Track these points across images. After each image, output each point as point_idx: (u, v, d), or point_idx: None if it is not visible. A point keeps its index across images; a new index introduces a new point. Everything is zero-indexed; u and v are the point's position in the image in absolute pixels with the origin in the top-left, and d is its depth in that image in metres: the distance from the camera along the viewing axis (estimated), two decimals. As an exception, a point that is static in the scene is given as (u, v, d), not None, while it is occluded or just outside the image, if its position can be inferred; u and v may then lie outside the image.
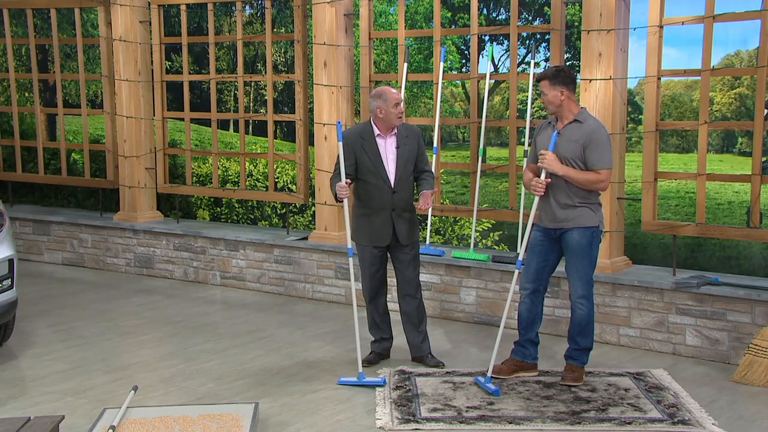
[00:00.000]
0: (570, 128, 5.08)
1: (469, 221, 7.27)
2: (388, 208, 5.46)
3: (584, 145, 5.02)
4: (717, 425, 4.61)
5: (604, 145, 5.05)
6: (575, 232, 5.08)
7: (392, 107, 5.38)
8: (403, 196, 5.49)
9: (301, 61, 7.55)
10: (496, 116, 7.39)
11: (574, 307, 5.17)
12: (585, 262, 5.11)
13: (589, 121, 5.11)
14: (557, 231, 5.14)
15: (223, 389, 5.23)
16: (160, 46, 8.36)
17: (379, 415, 4.77)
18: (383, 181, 5.43)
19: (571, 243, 5.10)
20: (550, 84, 5.06)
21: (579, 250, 5.09)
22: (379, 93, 5.45)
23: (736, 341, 5.65)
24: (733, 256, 6.32)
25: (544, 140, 5.19)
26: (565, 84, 5.06)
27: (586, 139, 5.02)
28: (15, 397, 5.12)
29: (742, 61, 6.46)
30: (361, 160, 5.43)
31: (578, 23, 6.48)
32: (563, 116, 5.12)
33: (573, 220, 5.08)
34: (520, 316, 5.34)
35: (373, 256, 5.54)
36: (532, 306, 5.30)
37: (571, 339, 5.26)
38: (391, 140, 5.48)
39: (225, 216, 8.78)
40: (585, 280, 5.13)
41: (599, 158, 5.02)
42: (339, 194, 5.29)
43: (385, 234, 5.48)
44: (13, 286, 5.79)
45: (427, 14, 7.65)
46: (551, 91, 5.06)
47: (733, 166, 6.48)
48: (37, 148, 9.29)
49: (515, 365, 5.36)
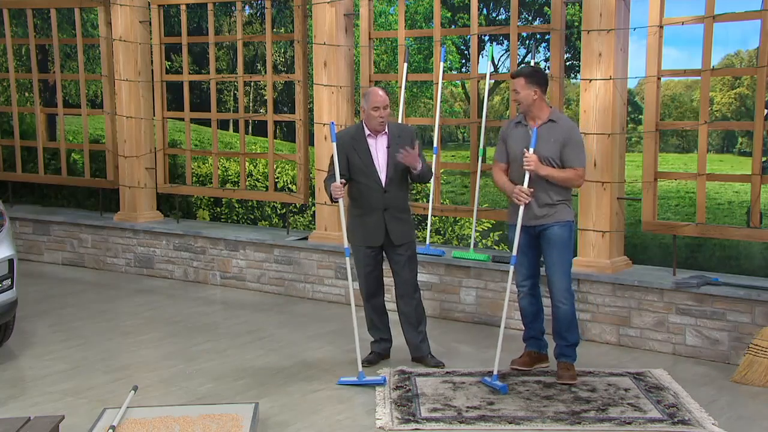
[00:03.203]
0: (546, 128, 5.17)
1: (469, 221, 7.27)
2: (380, 208, 5.44)
3: (563, 144, 5.14)
4: (717, 425, 4.61)
5: (581, 143, 5.26)
6: (556, 226, 5.21)
7: (371, 110, 5.35)
8: (395, 195, 5.47)
9: (301, 61, 7.55)
10: (496, 116, 7.39)
11: (558, 303, 5.25)
12: (566, 254, 5.25)
13: (563, 120, 5.26)
14: (537, 228, 5.24)
15: (223, 389, 5.24)
16: (160, 46, 8.36)
17: (379, 415, 4.77)
18: (374, 181, 5.42)
19: (553, 237, 5.21)
20: (526, 83, 5.15)
21: (561, 243, 5.21)
22: (366, 93, 5.48)
23: (736, 341, 5.65)
24: (733, 256, 6.33)
25: (517, 139, 5.25)
26: (539, 84, 5.17)
27: (565, 138, 5.15)
28: (15, 397, 5.13)
29: (742, 61, 6.46)
30: (352, 160, 5.42)
31: (578, 23, 6.48)
32: (533, 116, 5.21)
33: (552, 215, 5.21)
34: (524, 311, 5.47)
35: (366, 256, 5.53)
36: (533, 299, 5.44)
37: (559, 336, 5.32)
38: (381, 140, 5.46)
39: (225, 216, 8.79)
40: (567, 273, 5.25)
41: (577, 156, 5.18)
42: (334, 194, 5.29)
43: (377, 234, 5.46)
44: (13, 286, 5.79)
45: (427, 14, 7.65)
46: (525, 89, 5.15)
47: (733, 166, 6.48)
48: (37, 148, 9.29)
49: (534, 357, 5.48)
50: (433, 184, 6.93)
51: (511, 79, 5.28)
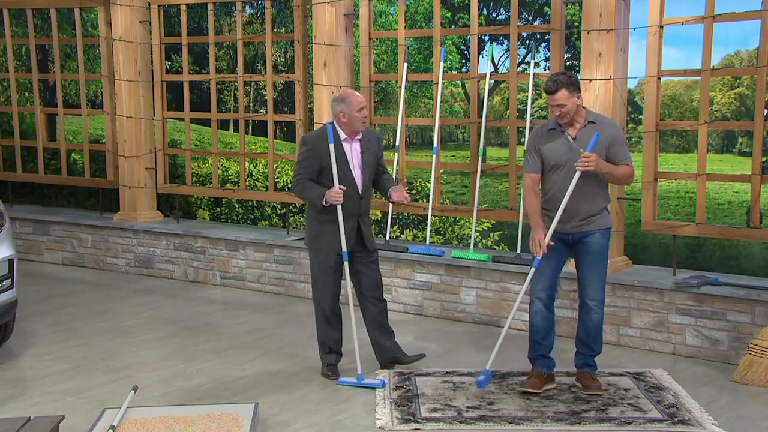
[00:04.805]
0: (587, 131, 4.92)
1: (469, 221, 7.27)
2: (356, 215, 5.30)
3: (610, 143, 4.91)
4: (717, 425, 4.61)
5: (624, 139, 5.05)
6: (598, 234, 4.98)
7: (356, 112, 5.18)
8: (367, 202, 5.39)
9: (301, 61, 7.55)
10: (496, 116, 7.40)
11: (590, 312, 5.00)
12: (605, 263, 5.04)
13: (603, 120, 5.04)
14: (575, 235, 5.00)
15: (223, 389, 5.23)
16: (160, 46, 8.36)
17: (379, 415, 4.77)
18: (351, 186, 5.24)
19: (594, 245, 4.98)
20: (570, 93, 4.83)
21: (602, 252, 5.00)
22: (342, 97, 5.26)
23: (736, 341, 5.65)
24: (733, 256, 6.33)
25: (556, 147, 4.95)
26: (578, 89, 4.90)
27: (611, 137, 4.91)
28: (15, 397, 5.12)
29: (742, 61, 6.47)
30: (327, 164, 5.19)
31: (578, 23, 6.48)
32: (575, 120, 4.94)
33: (596, 222, 4.98)
34: (535, 327, 5.08)
35: (336, 263, 5.35)
36: (548, 314, 5.07)
37: (586, 346, 5.11)
38: (356, 145, 5.31)
39: (225, 216, 8.79)
40: (603, 282, 5.03)
41: (625, 153, 4.96)
42: (333, 200, 5.12)
43: (349, 240, 5.30)
44: (13, 286, 5.79)
45: (427, 14, 7.66)
46: (569, 100, 4.83)
47: (733, 166, 6.48)
48: (37, 148, 9.29)
49: (545, 378, 5.13)
50: (433, 184, 6.93)
51: (547, 95, 4.87)
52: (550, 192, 5.01)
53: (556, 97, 4.83)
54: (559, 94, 4.82)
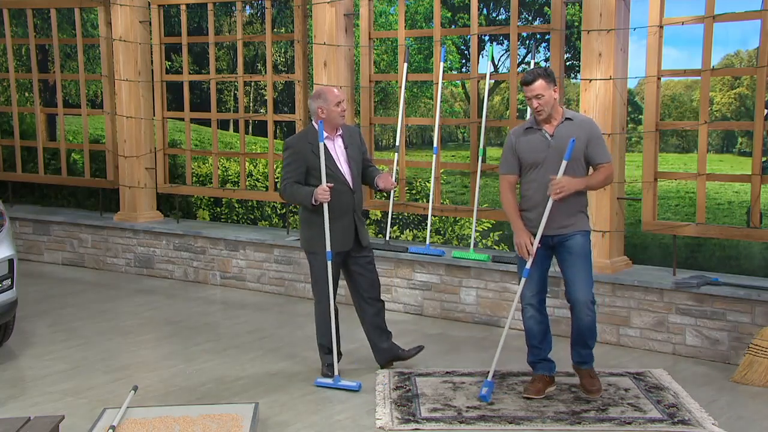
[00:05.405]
0: (563, 128, 4.89)
1: (469, 221, 7.27)
2: (350, 211, 5.32)
3: (587, 142, 4.88)
4: (717, 425, 4.61)
5: (602, 137, 5.00)
6: (578, 235, 4.97)
7: (333, 106, 5.24)
8: (360, 196, 5.40)
9: (301, 61, 7.55)
10: (496, 116, 7.40)
11: (581, 314, 4.95)
12: (589, 262, 5.02)
13: (579, 117, 5.00)
14: (556, 237, 4.98)
15: (223, 389, 5.24)
16: (160, 46, 8.36)
17: (379, 415, 4.77)
18: (341, 183, 5.26)
19: (575, 247, 4.96)
20: (547, 84, 4.82)
21: (584, 253, 4.98)
22: (318, 93, 5.32)
23: (736, 341, 5.65)
24: (733, 256, 6.33)
25: (532, 146, 4.93)
26: (555, 83, 4.87)
27: (587, 135, 4.89)
28: (15, 397, 5.13)
29: (742, 61, 6.47)
30: (314, 165, 5.21)
31: (578, 23, 6.48)
32: (552, 117, 4.91)
33: (575, 224, 4.96)
34: (531, 331, 5.09)
35: (335, 263, 5.34)
36: (541, 317, 5.09)
37: (582, 345, 5.07)
38: (338, 141, 5.35)
39: (225, 216, 8.79)
40: (591, 282, 5.01)
41: (603, 152, 4.93)
42: (321, 198, 5.10)
43: (348, 238, 5.31)
44: (13, 286, 5.79)
45: (427, 14, 7.66)
46: (547, 90, 4.82)
47: (733, 166, 6.48)
48: (37, 148, 9.29)
49: (547, 381, 5.11)
50: (433, 184, 6.93)
51: (525, 86, 4.85)
52: (529, 191, 4.98)
53: (533, 87, 4.82)
54: (536, 83, 4.80)
